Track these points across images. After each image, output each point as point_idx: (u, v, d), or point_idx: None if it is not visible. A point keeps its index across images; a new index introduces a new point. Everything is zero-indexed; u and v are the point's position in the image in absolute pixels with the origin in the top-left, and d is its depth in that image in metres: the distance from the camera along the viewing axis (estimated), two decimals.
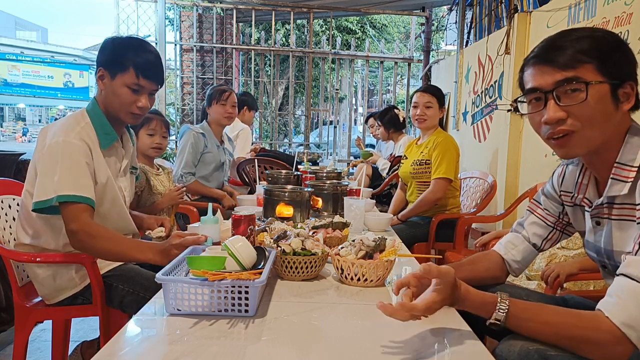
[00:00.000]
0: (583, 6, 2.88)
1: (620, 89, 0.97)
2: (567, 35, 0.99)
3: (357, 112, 17.29)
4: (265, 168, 3.42)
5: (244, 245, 1.17)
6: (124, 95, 1.53)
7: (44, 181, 1.44)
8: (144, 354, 0.90)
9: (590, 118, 0.96)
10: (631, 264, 0.89)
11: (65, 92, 25.68)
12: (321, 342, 0.99)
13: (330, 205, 2.18)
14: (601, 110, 0.96)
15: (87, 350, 1.85)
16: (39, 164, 1.49)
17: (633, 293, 0.87)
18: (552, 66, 0.98)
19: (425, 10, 6.28)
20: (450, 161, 2.69)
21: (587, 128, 0.97)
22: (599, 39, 0.97)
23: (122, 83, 1.52)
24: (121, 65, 1.51)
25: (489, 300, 0.97)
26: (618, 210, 1.00)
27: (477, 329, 1.06)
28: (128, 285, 1.56)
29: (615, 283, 0.91)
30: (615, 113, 0.97)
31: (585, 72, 0.95)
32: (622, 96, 0.97)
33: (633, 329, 0.86)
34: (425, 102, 2.77)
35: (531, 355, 0.92)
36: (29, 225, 1.61)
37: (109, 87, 1.54)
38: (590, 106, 0.95)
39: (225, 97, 2.99)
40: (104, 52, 1.55)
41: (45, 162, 1.46)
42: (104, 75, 1.54)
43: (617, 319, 0.87)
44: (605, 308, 0.90)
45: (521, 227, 1.27)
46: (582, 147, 1.00)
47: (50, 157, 1.45)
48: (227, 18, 6.30)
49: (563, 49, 0.97)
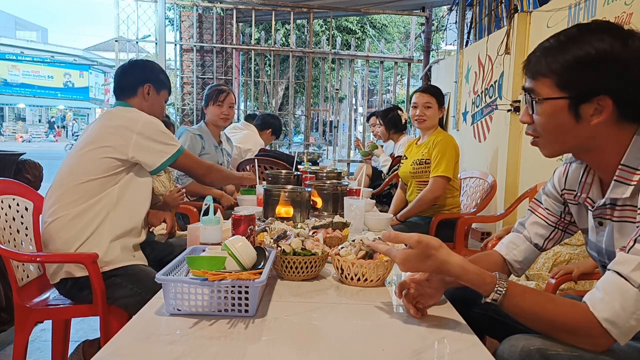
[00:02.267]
0: (583, 6, 2.88)
1: (584, 104, 0.94)
2: (546, 42, 0.99)
3: (357, 112, 17.29)
4: (265, 168, 3.42)
5: (244, 245, 1.16)
6: (162, 107, 2.03)
7: (159, 147, 1.78)
8: (144, 354, 0.90)
9: (543, 129, 1.01)
10: (622, 261, 0.90)
11: (65, 92, 25.69)
12: (321, 342, 0.99)
13: (330, 205, 2.18)
14: (555, 123, 0.98)
15: (88, 350, 1.85)
16: (145, 135, 1.74)
17: (620, 291, 0.88)
18: (526, 73, 1.02)
19: (425, 10, 6.28)
20: (449, 160, 2.69)
21: (545, 137, 1.02)
22: (567, 54, 0.94)
23: (163, 98, 2.02)
24: (165, 85, 2.01)
25: (487, 279, 0.99)
26: (619, 211, 0.99)
27: (477, 329, 1.06)
28: (137, 287, 1.60)
29: (604, 277, 0.93)
30: (577, 126, 0.96)
31: (541, 86, 0.98)
32: (585, 111, 0.94)
33: (615, 325, 0.88)
34: (425, 102, 2.77)
35: (532, 355, 0.92)
36: (85, 193, 1.67)
37: (154, 100, 1.95)
38: (541, 119, 0.99)
39: (222, 98, 2.97)
40: (152, 73, 1.97)
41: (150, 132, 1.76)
42: (150, 90, 1.93)
43: (600, 314, 0.89)
44: (591, 302, 0.92)
45: (522, 227, 1.27)
46: (549, 150, 1.04)
47: (154, 129, 1.77)
48: (227, 18, 6.30)
49: (534, 58, 1.00)
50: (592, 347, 0.93)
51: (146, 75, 1.95)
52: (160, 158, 1.77)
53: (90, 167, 1.67)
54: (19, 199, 1.85)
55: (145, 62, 2.04)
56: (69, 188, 1.67)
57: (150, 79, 1.95)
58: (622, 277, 0.89)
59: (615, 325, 0.88)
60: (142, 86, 1.92)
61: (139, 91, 1.91)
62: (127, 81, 1.93)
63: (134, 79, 1.93)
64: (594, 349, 0.93)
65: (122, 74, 1.95)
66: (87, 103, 26.26)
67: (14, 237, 1.77)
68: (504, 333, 1.05)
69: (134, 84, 1.92)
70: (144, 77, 1.94)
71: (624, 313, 0.88)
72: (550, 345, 0.94)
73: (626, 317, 0.88)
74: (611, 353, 0.93)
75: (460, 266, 1.00)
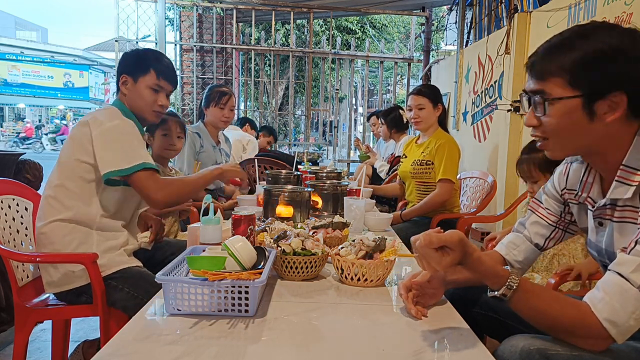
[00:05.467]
0: (583, 6, 2.88)
1: (599, 101, 0.93)
2: (549, 42, 0.98)
3: (357, 112, 17.29)
4: (265, 168, 3.42)
5: (244, 245, 1.16)
6: (147, 95, 1.71)
7: (119, 153, 1.57)
8: (144, 354, 0.90)
9: (555, 130, 0.98)
10: (623, 262, 0.90)
11: (65, 92, 25.68)
12: (321, 342, 0.99)
13: (330, 205, 2.18)
14: (568, 123, 0.96)
15: (88, 350, 1.85)
16: (103, 139, 1.57)
17: (620, 290, 0.89)
18: (530, 74, 1.00)
19: (425, 10, 6.28)
20: (453, 163, 2.72)
21: (555, 138, 1.00)
22: (577, 51, 0.93)
23: (144, 85, 1.71)
24: (142, 69, 1.70)
25: (501, 272, 0.97)
26: (620, 212, 0.99)
27: (477, 329, 1.06)
28: (133, 289, 1.57)
29: (605, 278, 0.93)
30: (590, 125, 0.95)
31: (552, 86, 0.95)
32: (600, 108, 0.93)
33: (615, 325, 0.89)
34: (417, 104, 2.80)
35: (532, 355, 0.92)
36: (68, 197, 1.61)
37: (132, 91, 1.71)
38: (553, 120, 0.97)
39: (225, 100, 2.95)
40: (125, 61, 1.74)
41: (110, 137, 1.58)
42: (127, 80, 1.71)
43: (601, 314, 0.90)
44: (592, 302, 0.92)
45: (523, 226, 1.27)
46: (559, 152, 1.03)
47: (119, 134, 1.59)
48: (227, 18, 6.30)
49: (539, 58, 0.98)
50: (592, 347, 0.93)
51: (121, 65, 1.76)
52: (120, 163, 1.55)
53: (70, 173, 1.61)
54: (19, 199, 1.85)
55: (125, 53, 1.82)
56: (55, 195, 1.61)
57: (125, 67, 1.74)
58: (622, 278, 0.89)
59: (615, 324, 0.89)
60: (120, 80, 1.74)
61: (119, 85, 1.74)
62: (116, 78, 1.78)
63: (117, 73, 1.77)
64: (593, 348, 0.93)
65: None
66: (87, 103, 26.24)
67: (13, 237, 1.77)
68: (504, 333, 1.06)
69: (117, 78, 1.76)
70: (120, 67, 1.76)
71: (624, 313, 0.88)
72: (550, 345, 0.94)
73: (626, 317, 0.88)
74: (610, 353, 0.93)
75: (477, 258, 0.99)
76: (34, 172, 2.93)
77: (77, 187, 1.62)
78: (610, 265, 0.93)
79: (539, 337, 0.97)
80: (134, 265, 1.66)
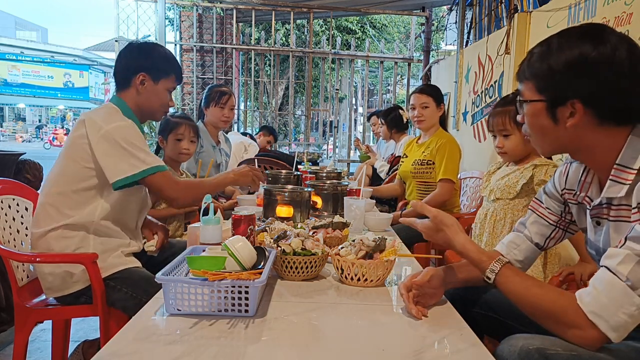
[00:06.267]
0: (583, 6, 2.87)
1: (559, 107, 0.99)
2: (533, 49, 1.05)
3: (357, 112, 17.28)
4: (265, 168, 3.42)
5: (244, 245, 1.17)
6: (164, 97, 1.73)
7: (126, 159, 1.54)
8: (144, 354, 0.90)
9: (530, 130, 1.08)
10: (610, 255, 0.92)
11: (65, 92, 25.69)
12: (321, 342, 0.99)
13: (330, 205, 2.18)
14: (537, 124, 1.05)
15: (88, 350, 1.85)
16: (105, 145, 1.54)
17: (608, 284, 0.90)
18: (516, 76, 1.10)
19: (425, 10, 6.28)
20: (454, 163, 2.72)
21: (532, 137, 1.09)
22: (547, 60, 0.99)
23: (164, 87, 1.72)
24: (167, 71, 1.71)
25: (484, 258, 1.08)
26: (615, 211, 1.00)
27: (477, 329, 1.06)
28: (132, 290, 1.56)
29: (597, 274, 0.95)
30: (556, 128, 1.01)
31: (525, 89, 1.06)
32: (561, 114, 0.99)
33: (601, 318, 0.90)
34: (422, 103, 2.79)
35: (532, 354, 0.93)
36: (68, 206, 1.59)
37: (150, 91, 1.69)
38: (527, 120, 1.07)
39: (225, 100, 2.95)
40: (146, 59, 1.68)
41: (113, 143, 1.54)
42: (145, 79, 1.67)
43: (587, 307, 0.91)
44: (579, 295, 0.94)
45: (523, 226, 1.27)
46: (540, 149, 1.11)
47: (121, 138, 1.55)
48: (227, 18, 6.30)
49: (524, 62, 1.06)
50: (583, 341, 0.93)
51: (140, 62, 1.67)
52: (129, 169, 1.53)
53: (69, 179, 1.58)
54: (19, 199, 1.85)
55: (142, 45, 1.73)
56: (54, 202, 1.59)
57: (145, 65, 1.66)
58: (610, 272, 0.90)
59: (602, 318, 0.90)
60: (136, 76, 1.65)
61: (132, 82, 1.66)
62: (121, 70, 1.68)
63: (127, 68, 1.67)
64: (585, 343, 0.93)
65: (118, 61, 1.70)
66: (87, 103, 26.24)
67: (13, 237, 1.77)
68: (504, 333, 1.06)
69: (127, 73, 1.67)
70: (137, 64, 1.66)
71: (612, 306, 0.89)
72: (549, 344, 0.94)
73: (613, 310, 0.89)
74: (609, 352, 0.93)
75: (462, 244, 1.11)
76: (34, 172, 2.94)
77: (77, 194, 1.58)
78: (601, 260, 0.95)
79: (539, 336, 0.97)
80: (133, 266, 1.66)
